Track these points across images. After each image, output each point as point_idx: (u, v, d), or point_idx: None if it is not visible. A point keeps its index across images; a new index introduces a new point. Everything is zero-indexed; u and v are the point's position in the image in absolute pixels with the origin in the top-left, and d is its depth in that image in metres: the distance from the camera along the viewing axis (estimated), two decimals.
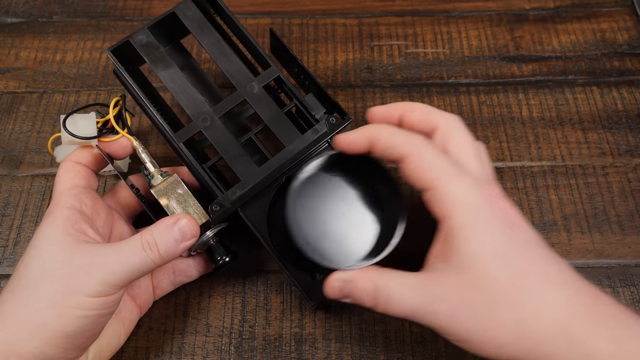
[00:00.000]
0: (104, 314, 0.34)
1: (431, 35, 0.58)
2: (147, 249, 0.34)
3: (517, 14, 0.59)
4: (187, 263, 0.42)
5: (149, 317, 0.43)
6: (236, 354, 0.42)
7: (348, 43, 0.57)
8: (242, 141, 0.42)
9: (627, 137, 0.51)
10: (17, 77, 0.55)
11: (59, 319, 0.32)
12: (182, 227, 0.36)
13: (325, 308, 0.44)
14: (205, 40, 0.43)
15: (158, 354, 0.42)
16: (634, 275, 0.45)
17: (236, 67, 0.43)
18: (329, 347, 0.42)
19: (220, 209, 0.39)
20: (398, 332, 0.43)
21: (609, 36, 0.57)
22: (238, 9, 0.59)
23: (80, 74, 0.55)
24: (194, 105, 0.41)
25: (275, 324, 0.43)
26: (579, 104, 0.53)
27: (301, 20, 0.59)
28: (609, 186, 0.49)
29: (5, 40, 0.57)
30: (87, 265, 0.34)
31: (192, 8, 0.43)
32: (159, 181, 0.40)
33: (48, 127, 0.52)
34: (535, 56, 0.56)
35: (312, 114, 0.43)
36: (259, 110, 0.42)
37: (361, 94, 0.54)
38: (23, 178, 0.49)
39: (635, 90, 0.54)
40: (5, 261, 0.45)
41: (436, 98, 0.54)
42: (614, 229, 0.47)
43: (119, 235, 0.41)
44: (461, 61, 0.56)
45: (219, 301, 0.44)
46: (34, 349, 0.32)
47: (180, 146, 0.40)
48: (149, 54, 0.42)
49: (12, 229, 0.47)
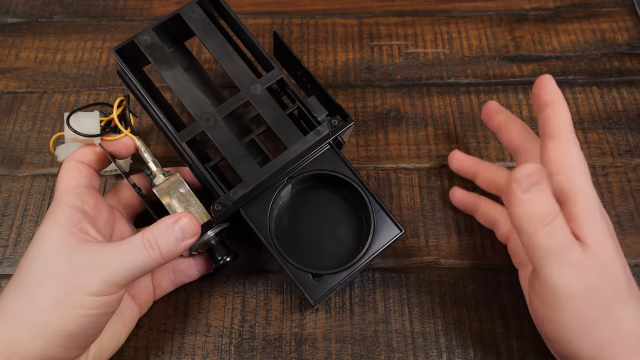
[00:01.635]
0: (105, 313, 0.34)
1: (431, 35, 0.58)
2: (148, 247, 0.34)
3: (517, 14, 0.59)
4: (187, 263, 0.42)
5: (149, 317, 0.43)
6: (236, 354, 0.42)
7: (348, 43, 0.57)
8: (244, 142, 0.42)
9: (627, 137, 0.51)
10: (17, 77, 0.54)
11: (61, 317, 0.32)
12: (183, 226, 0.36)
13: (325, 308, 0.44)
14: (210, 42, 0.43)
15: (158, 354, 0.42)
16: (634, 275, 0.45)
17: (240, 69, 0.43)
18: (329, 347, 0.42)
19: (222, 208, 0.39)
20: (398, 332, 0.43)
21: (609, 36, 0.57)
22: (238, 9, 0.59)
23: (81, 74, 0.55)
24: (198, 106, 0.41)
25: (275, 324, 0.43)
26: (578, 104, 0.53)
27: (301, 20, 0.59)
28: (609, 186, 0.49)
29: (6, 40, 0.57)
30: (89, 264, 0.34)
31: (196, 10, 0.43)
32: (161, 180, 0.40)
33: (48, 127, 0.52)
34: (535, 56, 0.56)
35: (315, 116, 0.43)
36: (261, 111, 0.42)
37: (361, 94, 0.54)
38: (23, 178, 0.49)
39: (635, 90, 0.54)
40: (5, 261, 0.45)
41: (436, 98, 0.54)
42: (614, 229, 0.47)
43: (120, 235, 0.41)
44: (461, 61, 0.56)
45: (219, 301, 0.44)
46: (36, 348, 0.32)
47: (182, 146, 0.40)
48: (153, 54, 0.42)
49: (13, 229, 0.47)
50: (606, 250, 0.34)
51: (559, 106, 0.37)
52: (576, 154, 0.36)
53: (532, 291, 0.37)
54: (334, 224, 0.42)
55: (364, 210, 0.41)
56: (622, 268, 0.35)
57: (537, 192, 0.33)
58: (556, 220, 0.33)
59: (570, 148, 0.36)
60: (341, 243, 0.41)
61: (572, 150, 0.36)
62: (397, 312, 0.44)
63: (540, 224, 0.33)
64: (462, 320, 0.43)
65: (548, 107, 0.37)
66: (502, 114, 0.45)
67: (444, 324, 0.43)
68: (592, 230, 0.34)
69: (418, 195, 0.49)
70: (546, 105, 0.37)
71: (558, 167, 0.36)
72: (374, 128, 0.52)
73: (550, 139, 0.36)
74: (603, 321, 0.34)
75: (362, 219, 0.42)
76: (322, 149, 0.42)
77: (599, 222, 0.35)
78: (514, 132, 0.44)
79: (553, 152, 0.36)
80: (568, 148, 0.36)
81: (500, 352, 0.42)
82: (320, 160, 0.42)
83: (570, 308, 0.34)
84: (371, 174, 0.50)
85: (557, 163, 0.36)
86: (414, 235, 0.47)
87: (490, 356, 0.42)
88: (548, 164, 0.36)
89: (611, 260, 0.34)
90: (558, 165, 0.36)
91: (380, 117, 0.52)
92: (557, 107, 0.37)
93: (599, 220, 0.35)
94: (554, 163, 0.36)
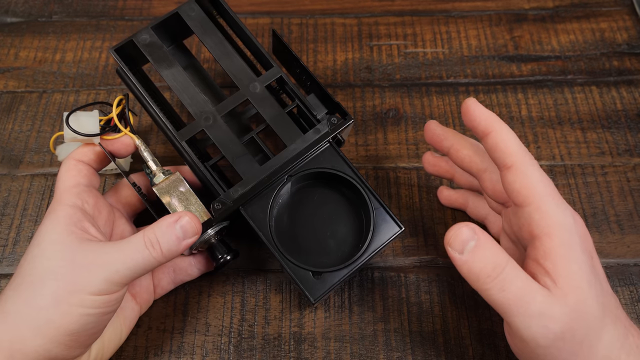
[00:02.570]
0: (107, 312, 0.34)
1: (430, 35, 0.58)
2: (149, 246, 0.34)
3: (517, 14, 0.59)
4: (187, 262, 0.42)
5: (148, 316, 0.43)
6: (235, 353, 0.42)
7: (347, 43, 0.57)
8: (244, 140, 0.42)
9: (626, 137, 0.51)
10: (16, 77, 0.55)
11: (63, 317, 0.33)
12: (184, 225, 0.36)
13: (324, 307, 0.44)
14: (209, 41, 0.43)
15: (157, 353, 0.42)
16: (633, 274, 0.45)
17: (239, 67, 0.43)
18: (328, 347, 0.42)
19: (222, 207, 0.39)
20: (397, 331, 0.43)
21: (608, 36, 0.57)
22: (238, 8, 0.59)
23: (80, 74, 0.55)
24: (197, 104, 0.41)
25: (274, 323, 0.43)
26: (578, 104, 0.53)
27: (301, 20, 0.59)
28: (608, 186, 0.49)
29: (5, 40, 0.57)
30: (90, 263, 0.34)
31: (195, 9, 0.43)
32: (161, 179, 0.40)
33: (48, 127, 0.52)
34: (535, 56, 0.56)
35: (314, 114, 0.43)
36: (261, 109, 0.42)
37: (360, 93, 0.54)
38: (23, 177, 0.49)
39: (634, 90, 0.54)
40: (4, 260, 0.45)
41: (435, 98, 0.54)
42: (613, 228, 0.47)
43: (120, 234, 0.41)
44: (460, 61, 0.56)
45: (218, 300, 0.44)
46: (38, 347, 0.32)
47: (182, 145, 0.40)
48: (152, 53, 0.42)
49: (12, 229, 0.47)
50: (579, 286, 0.32)
51: (499, 131, 0.35)
52: (538, 177, 0.34)
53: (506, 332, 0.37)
54: (334, 222, 0.42)
55: (364, 208, 0.41)
56: (595, 298, 0.33)
57: (474, 248, 0.32)
58: (504, 272, 0.32)
59: (530, 173, 0.34)
60: (341, 241, 0.41)
61: (533, 174, 0.34)
62: (396, 311, 0.44)
63: (488, 279, 0.32)
64: (460, 319, 0.43)
65: (489, 135, 0.35)
66: (447, 139, 0.41)
67: (443, 324, 0.43)
68: (567, 267, 0.33)
69: (417, 194, 0.49)
70: (486, 134, 0.35)
71: (525, 197, 0.34)
72: (373, 128, 0.52)
73: (506, 170, 0.35)
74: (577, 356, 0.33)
75: (361, 216, 0.42)
76: (321, 147, 0.42)
77: (574, 254, 0.33)
78: (467, 157, 0.40)
79: (514, 182, 0.34)
80: (528, 173, 0.34)
81: (499, 352, 0.42)
82: (319, 158, 0.42)
83: (542, 353, 0.33)
84: (370, 174, 0.50)
85: (523, 193, 0.34)
86: (413, 234, 0.47)
87: (488, 356, 0.42)
88: (513, 196, 0.35)
89: (582, 297, 0.32)
90: (524, 196, 0.34)
91: (379, 117, 0.53)
92: (498, 133, 0.35)
93: (574, 251, 0.33)
94: (520, 194, 0.34)
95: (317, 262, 0.40)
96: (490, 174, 0.39)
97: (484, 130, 0.36)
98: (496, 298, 0.32)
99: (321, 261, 0.40)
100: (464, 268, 0.33)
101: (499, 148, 0.35)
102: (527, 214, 0.34)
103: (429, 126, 0.42)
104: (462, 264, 0.33)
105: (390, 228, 0.40)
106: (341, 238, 0.41)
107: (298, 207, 0.42)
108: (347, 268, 0.39)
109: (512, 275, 0.32)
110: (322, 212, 0.42)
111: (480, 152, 0.40)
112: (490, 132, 0.35)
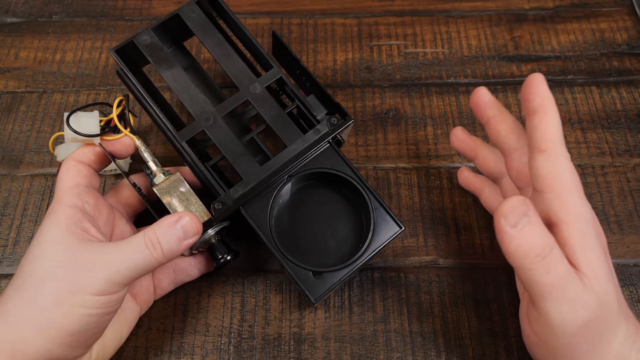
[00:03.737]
0: (108, 312, 0.34)
1: (430, 35, 0.58)
2: (150, 247, 0.34)
3: (517, 14, 0.59)
4: (188, 262, 0.42)
5: (148, 317, 0.43)
6: (235, 354, 0.42)
7: (347, 43, 0.57)
8: (244, 141, 0.42)
9: (626, 137, 0.51)
10: (16, 77, 0.54)
11: (65, 317, 0.33)
12: (185, 225, 0.36)
13: (324, 308, 0.44)
14: (209, 42, 0.43)
15: (157, 353, 0.42)
16: (633, 274, 0.45)
17: (239, 68, 0.43)
18: (328, 347, 0.42)
19: (223, 207, 0.39)
20: (397, 331, 0.43)
21: (608, 36, 0.57)
22: (237, 8, 0.59)
23: (80, 74, 0.55)
24: (197, 105, 0.41)
25: (274, 323, 0.43)
26: (578, 104, 0.53)
27: (300, 20, 0.59)
28: (608, 186, 0.49)
29: (5, 40, 0.57)
30: (91, 264, 0.34)
31: (195, 10, 0.43)
32: (161, 180, 0.40)
33: (48, 127, 0.52)
34: (535, 56, 0.56)
35: (314, 115, 0.43)
36: (261, 110, 0.42)
37: (360, 93, 0.54)
38: (23, 178, 0.49)
39: (634, 90, 0.54)
40: (4, 261, 0.45)
41: (435, 98, 0.54)
42: (613, 228, 0.47)
43: (120, 234, 0.41)
44: (460, 61, 0.56)
45: (218, 301, 0.44)
46: (40, 347, 0.32)
47: (182, 145, 0.40)
48: (152, 54, 0.42)
49: (12, 229, 0.47)
50: (600, 277, 0.33)
51: (549, 114, 0.34)
52: (567, 168, 0.34)
53: (527, 319, 0.37)
54: (334, 222, 0.42)
55: (364, 207, 0.41)
56: (614, 292, 0.34)
57: (527, 224, 0.31)
58: (553, 253, 0.31)
59: (560, 162, 0.34)
60: (341, 241, 0.41)
61: (563, 164, 0.34)
62: (396, 311, 0.44)
63: (537, 259, 0.31)
64: (460, 319, 0.43)
65: (537, 115, 0.35)
66: (492, 109, 0.40)
67: (443, 324, 0.43)
68: (586, 255, 0.33)
69: (417, 195, 0.49)
70: (535, 112, 0.35)
71: (549, 184, 0.34)
72: (373, 128, 0.52)
73: (539, 153, 0.34)
74: (594, 351, 0.33)
75: (361, 216, 0.42)
76: (321, 147, 0.42)
77: (592, 244, 0.33)
78: (504, 131, 0.40)
79: (542, 167, 0.34)
80: (558, 163, 0.34)
81: (499, 352, 0.42)
82: (319, 158, 0.42)
83: (565, 342, 0.33)
84: (370, 174, 0.50)
85: (548, 180, 0.34)
86: (413, 234, 0.47)
87: (489, 356, 0.42)
88: (538, 181, 0.34)
89: (605, 287, 0.33)
90: (549, 183, 0.34)
91: (379, 117, 0.53)
92: (547, 115, 0.34)
93: (592, 242, 0.33)
94: (544, 180, 0.34)
95: (317, 262, 0.40)
96: (521, 155, 0.39)
97: (536, 108, 0.35)
98: (538, 279, 0.31)
99: (321, 261, 0.40)
100: (513, 244, 0.31)
101: (540, 129, 0.34)
102: (547, 201, 0.34)
103: (477, 92, 0.40)
104: (512, 239, 0.31)
105: (390, 228, 0.40)
106: (341, 238, 0.41)
107: (298, 207, 0.42)
108: (348, 268, 0.39)
109: (559, 258, 0.32)
110: (322, 212, 0.42)
111: (518, 130, 0.39)
112: (540, 111, 0.35)
